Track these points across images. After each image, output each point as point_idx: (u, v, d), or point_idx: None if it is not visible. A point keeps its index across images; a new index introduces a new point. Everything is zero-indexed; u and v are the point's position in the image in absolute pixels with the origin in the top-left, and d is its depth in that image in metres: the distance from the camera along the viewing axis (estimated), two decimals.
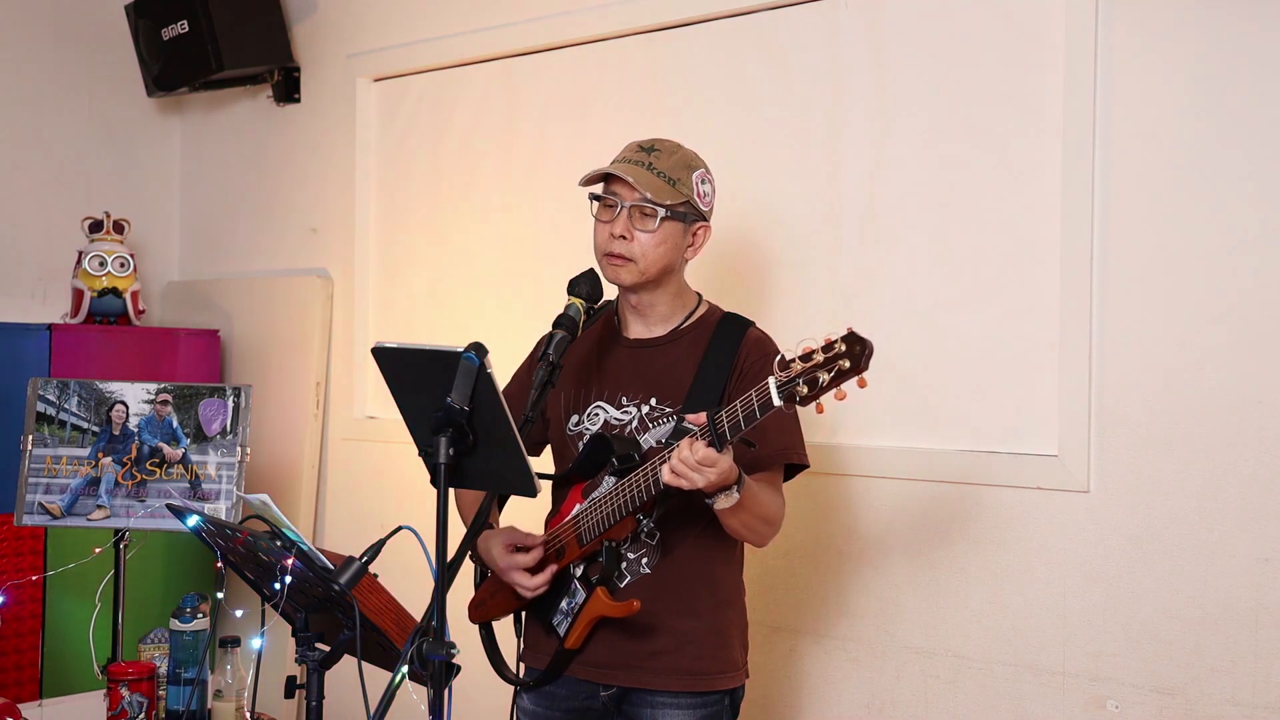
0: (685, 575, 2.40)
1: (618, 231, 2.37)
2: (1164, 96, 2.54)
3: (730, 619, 2.46)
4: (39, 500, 3.37)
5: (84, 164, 4.43)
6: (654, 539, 2.40)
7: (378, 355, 2.06)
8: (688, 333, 2.46)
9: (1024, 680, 2.68)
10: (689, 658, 2.39)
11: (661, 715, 2.39)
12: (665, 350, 2.45)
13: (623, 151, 2.43)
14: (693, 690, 2.39)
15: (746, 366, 2.39)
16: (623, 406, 2.44)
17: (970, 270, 2.79)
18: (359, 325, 4.00)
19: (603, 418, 2.45)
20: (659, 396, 2.41)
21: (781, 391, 2.03)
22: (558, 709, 2.46)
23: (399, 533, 2.10)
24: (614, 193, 2.39)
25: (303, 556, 2.15)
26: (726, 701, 2.44)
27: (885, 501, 2.90)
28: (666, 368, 2.43)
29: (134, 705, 2.90)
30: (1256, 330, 2.44)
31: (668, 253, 2.39)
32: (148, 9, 4.21)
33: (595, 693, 2.43)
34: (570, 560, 2.40)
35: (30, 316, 4.23)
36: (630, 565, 2.40)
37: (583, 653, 2.40)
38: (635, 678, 2.39)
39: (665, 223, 2.37)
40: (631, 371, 2.46)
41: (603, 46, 3.42)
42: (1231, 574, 2.45)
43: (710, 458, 2.11)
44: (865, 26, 2.94)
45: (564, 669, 2.42)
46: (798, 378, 2.01)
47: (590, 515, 2.36)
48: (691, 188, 2.39)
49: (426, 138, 3.86)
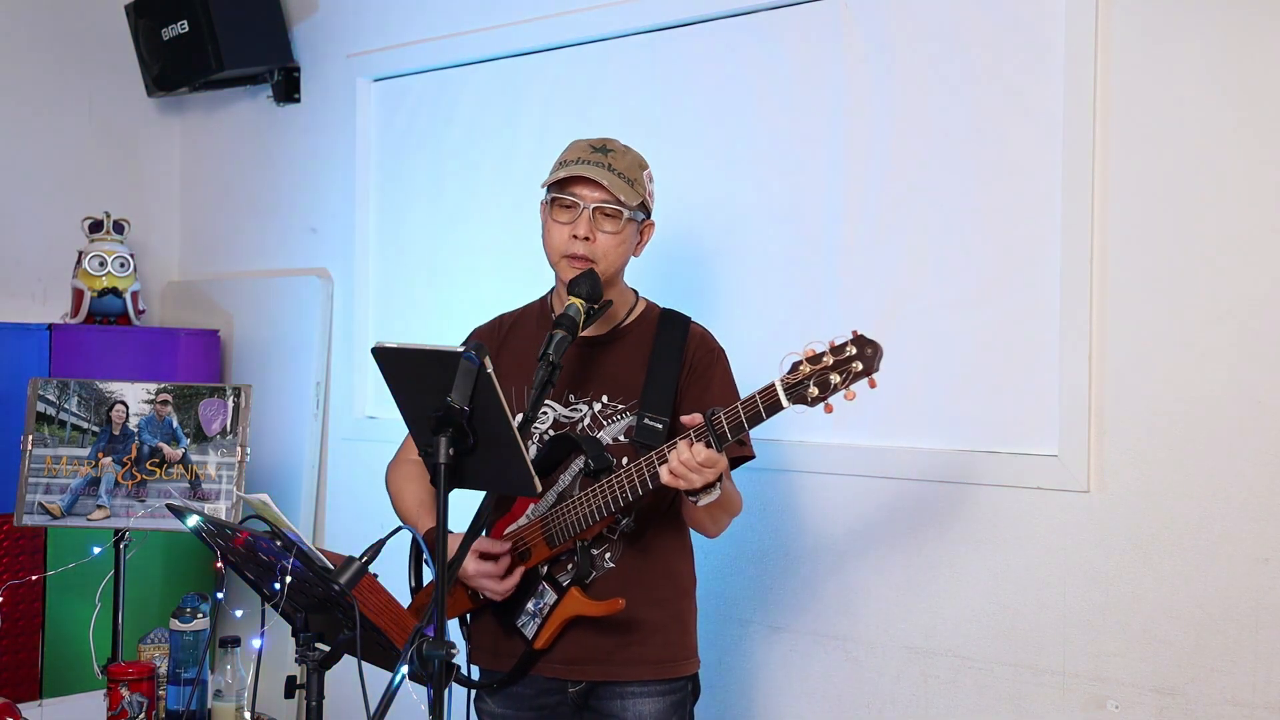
0: (647, 568, 2.45)
1: (580, 233, 2.39)
2: (1164, 96, 2.54)
3: (687, 607, 2.54)
4: (39, 500, 3.37)
5: (84, 164, 4.43)
6: (614, 534, 2.43)
7: (378, 355, 2.07)
8: (630, 330, 2.49)
9: (1024, 680, 2.68)
10: (656, 646, 2.44)
11: (632, 704, 2.42)
12: (610, 348, 2.48)
13: (574, 150, 2.45)
14: (661, 678, 2.44)
15: (695, 362, 2.45)
16: (571, 404, 2.46)
17: (970, 270, 2.79)
18: (359, 325, 4.00)
19: (551, 415, 2.46)
20: (610, 394, 2.44)
21: (791, 394, 2.09)
22: (525, 708, 2.48)
23: (399, 533, 2.11)
24: (573, 193, 2.40)
25: (303, 556, 2.15)
26: (689, 687, 2.51)
27: (886, 501, 2.90)
28: (614, 365, 2.46)
29: (134, 705, 2.90)
30: (1257, 330, 2.44)
31: (624, 253, 2.45)
32: (148, 9, 4.21)
33: (563, 689, 2.45)
34: (536, 562, 2.41)
35: (30, 316, 4.23)
36: (595, 561, 2.42)
37: (550, 652, 2.42)
38: (605, 671, 2.43)
39: (627, 224, 2.41)
40: (577, 369, 2.47)
41: (603, 46, 3.42)
42: (1231, 574, 2.45)
43: (712, 459, 2.17)
44: (865, 26, 2.94)
45: (529, 669, 2.44)
46: (807, 380, 2.06)
47: (563, 516, 2.36)
48: (645, 187, 2.45)
49: (426, 138, 3.86)
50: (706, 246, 3.12)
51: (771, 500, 3.03)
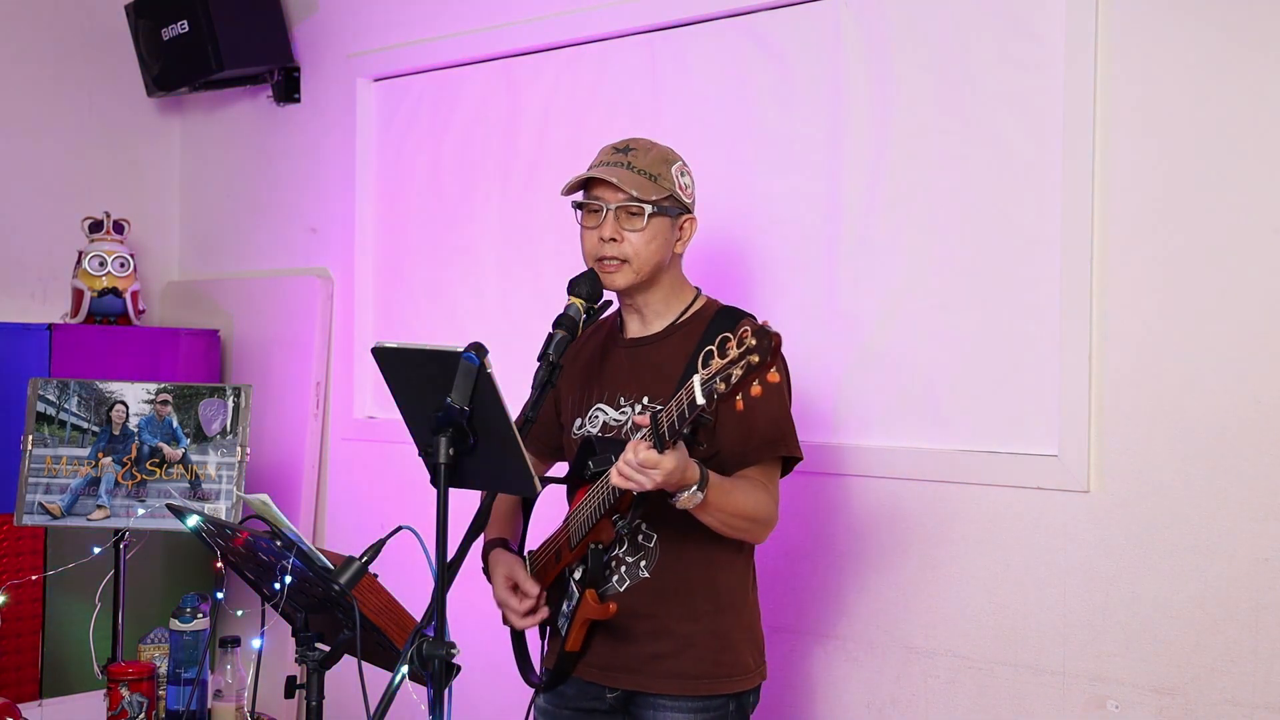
0: (684, 579, 2.39)
1: (607, 235, 2.37)
2: (1164, 96, 2.54)
3: (734, 622, 2.44)
4: (39, 500, 3.37)
5: (84, 164, 4.43)
6: (651, 541, 2.40)
7: (378, 355, 2.07)
8: (682, 327, 2.45)
9: (1024, 680, 2.68)
10: (690, 661, 2.38)
11: (665, 718, 2.39)
12: (658, 347, 2.45)
13: (598, 156, 2.44)
14: (694, 694, 2.38)
15: None
16: (620, 407, 2.44)
17: (970, 270, 2.79)
18: (359, 325, 4.00)
19: (602, 419, 2.45)
20: (651, 395, 2.41)
21: (704, 388, 1.99)
22: (568, 708, 2.49)
23: (399, 533, 2.11)
24: (597, 197, 2.39)
25: (303, 556, 2.15)
26: (732, 706, 2.42)
27: (885, 501, 2.90)
28: (658, 365, 2.43)
29: (134, 705, 2.90)
30: (1257, 330, 2.44)
31: (659, 249, 2.39)
32: (148, 9, 4.21)
33: (602, 694, 2.44)
34: (566, 564, 2.41)
35: (30, 316, 4.23)
36: (629, 569, 2.40)
37: (587, 654, 2.42)
38: (637, 681, 2.40)
39: (653, 219, 2.37)
40: (629, 371, 2.46)
41: (603, 46, 3.42)
42: (1231, 574, 2.45)
43: (651, 459, 2.08)
44: (865, 26, 2.94)
45: (570, 670, 2.44)
46: (715, 375, 1.98)
47: (576, 518, 2.37)
48: (673, 181, 2.40)
49: (426, 138, 3.86)
50: (706, 246, 3.12)
51: None
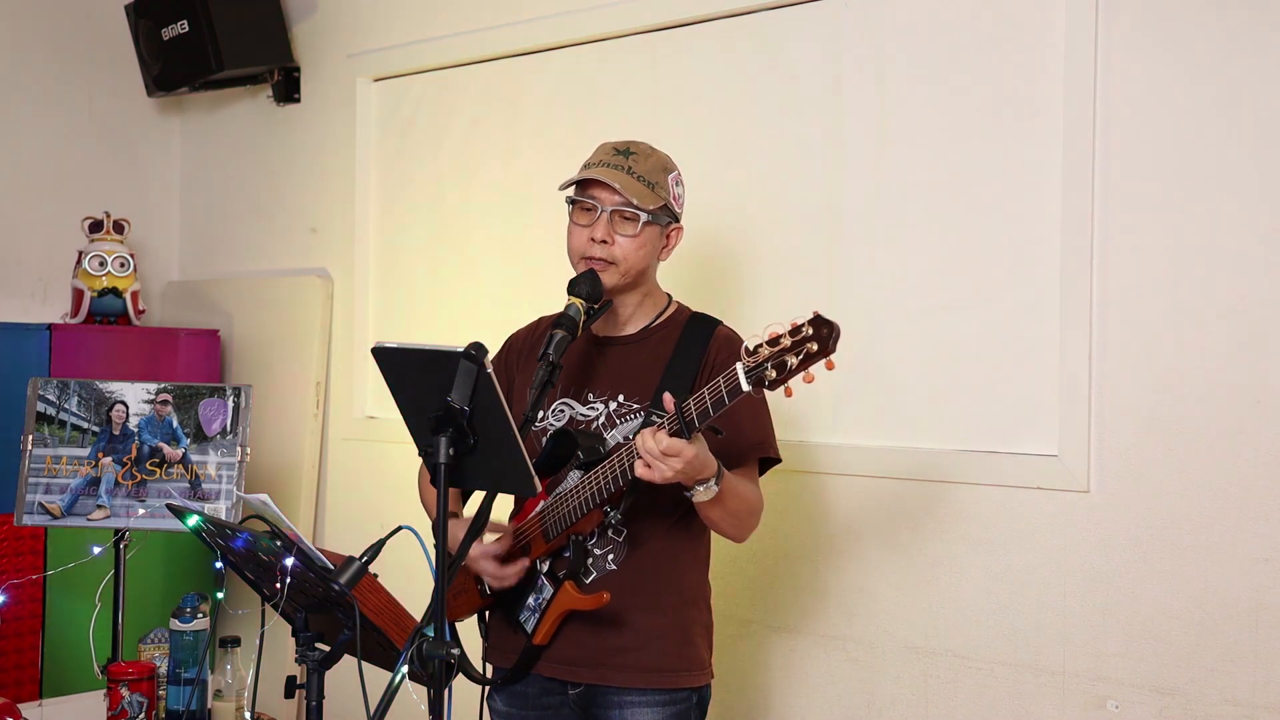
0: (651, 572, 2.41)
1: (598, 236, 2.38)
2: (1164, 95, 2.54)
3: (694, 617, 2.47)
4: (39, 500, 3.37)
5: (84, 164, 4.43)
6: (620, 535, 2.41)
7: (378, 355, 2.07)
8: (657, 331, 2.48)
9: (1024, 680, 2.68)
10: (654, 655, 2.40)
11: (630, 713, 2.39)
12: (634, 349, 2.47)
13: (597, 154, 2.44)
14: (659, 687, 2.40)
15: (715, 362, 2.40)
16: (589, 403, 2.45)
17: (970, 270, 2.79)
18: (359, 325, 4.00)
19: (568, 414, 2.46)
20: (626, 393, 2.42)
21: (750, 376, 2.02)
22: (529, 708, 2.47)
23: (399, 533, 2.11)
24: (593, 197, 2.40)
25: (303, 556, 2.15)
26: (694, 699, 2.44)
27: (886, 501, 2.90)
28: (635, 365, 2.44)
29: (134, 705, 2.90)
30: (1256, 330, 2.44)
31: (646, 256, 2.42)
32: (148, 9, 4.21)
33: (563, 691, 2.44)
34: (536, 556, 2.41)
35: (30, 316, 4.23)
36: (596, 561, 2.40)
37: (550, 650, 2.41)
38: (601, 675, 2.40)
39: (646, 227, 2.39)
40: (599, 369, 2.47)
41: (603, 46, 3.42)
42: (1231, 574, 2.45)
43: (674, 447, 2.10)
44: (865, 26, 2.94)
45: (532, 666, 2.43)
46: (765, 363, 2.01)
47: (556, 510, 2.36)
48: (668, 190, 2.42)
49: (426, 138, 3.86)
50: (705, 246, 3.12)
51: (771, 500, 3.01)
